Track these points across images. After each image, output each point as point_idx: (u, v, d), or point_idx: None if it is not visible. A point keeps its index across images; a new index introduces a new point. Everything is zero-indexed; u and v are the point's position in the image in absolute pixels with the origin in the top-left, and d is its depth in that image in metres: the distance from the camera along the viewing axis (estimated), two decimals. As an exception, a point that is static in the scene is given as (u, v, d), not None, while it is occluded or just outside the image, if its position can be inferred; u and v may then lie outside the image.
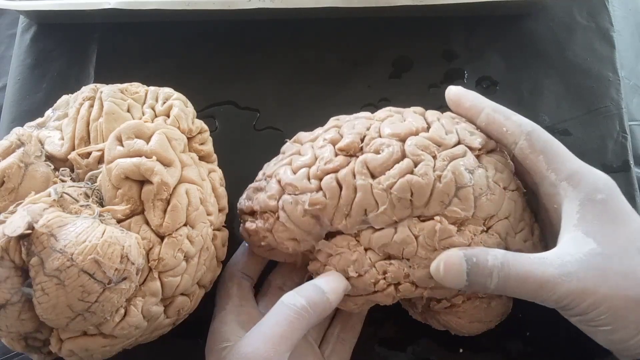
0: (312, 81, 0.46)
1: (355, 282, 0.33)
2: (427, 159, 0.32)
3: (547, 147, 0.33)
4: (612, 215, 0.31)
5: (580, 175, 0.32)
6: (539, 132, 0.33)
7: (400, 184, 0.31)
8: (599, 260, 0.29)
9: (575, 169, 0.32)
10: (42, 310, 0.28)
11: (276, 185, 0.34)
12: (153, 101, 0.36)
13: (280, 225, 0.34)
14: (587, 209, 0.31)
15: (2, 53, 0.53)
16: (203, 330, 0.36)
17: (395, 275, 0.32)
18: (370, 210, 0.32)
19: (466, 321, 0.35)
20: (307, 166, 0.34)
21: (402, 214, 0.32)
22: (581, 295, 0.29)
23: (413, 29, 0.47)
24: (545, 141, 0.33)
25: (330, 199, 0.32)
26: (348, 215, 0.33)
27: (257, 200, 0.35)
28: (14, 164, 0.32)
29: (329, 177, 0.33)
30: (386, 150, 0.32)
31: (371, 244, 0.33)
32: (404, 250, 0.32)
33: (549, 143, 0.33)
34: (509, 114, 0.34)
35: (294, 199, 0.33)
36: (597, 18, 0.47)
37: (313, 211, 0.33)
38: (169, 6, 0.43)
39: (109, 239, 0.29)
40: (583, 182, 0.31)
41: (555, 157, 0.32)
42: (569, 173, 0.32)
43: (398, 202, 0.32)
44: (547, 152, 0.32)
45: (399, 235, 0.32)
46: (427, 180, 0.31)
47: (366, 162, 0.32)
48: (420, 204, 0.32)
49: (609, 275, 0.29)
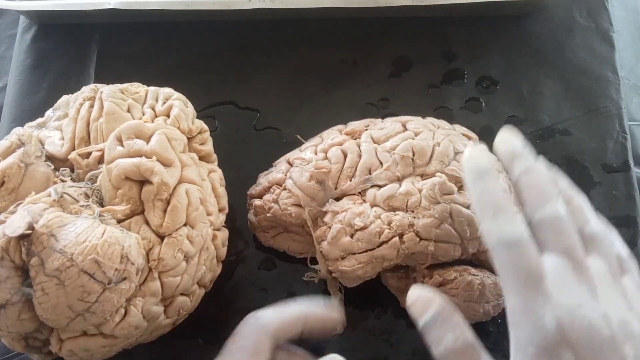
0: (312, 81, 0.46)
1: (360, 235, 0.34)
2: (427, 132, 0.36)
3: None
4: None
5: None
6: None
7: (403, 145, 0.36)
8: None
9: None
10: (42, 310, 0.28)
11: (285, 164, 0.38)
12: (153, 101, 0.36)
13: (286, 192, 0.36)
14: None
15: (3, 53, 0.53)
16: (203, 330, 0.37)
17: (400, 224, 0.34)
18: (375, 169, 0.35)
19: (461, 300, 0.35)
20: (314, 145, 0.38)
21: (405, 171, 0.35)
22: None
23: (413, 29, 0.47)
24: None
25: (335, 163, 0.36)
26: (353, 176, 0.36)
27: (267, 178, 0.38)
28: (14, 164, 0.32)
29: (334, 148, 0.37)
30: (389, 127, 0.37)
31: (376, 200, 0.35)
32: (408, 201, 0.34)
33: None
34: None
35: (301, 167, 0.36)
36: (597, 18, 0.47)
37: (318, 175, 0.35)
38: (169, 6, 0.43)
39: (109, 239, 0.29)
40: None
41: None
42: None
43: (401, 159, 0.35)
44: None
45: (403, 188, 0.35)
46: (427, 143, 0.35)
47: (371, 134, 0.37)
48: (421, 163, 0.35)
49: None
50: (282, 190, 0.37)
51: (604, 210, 0.42)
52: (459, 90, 0.46)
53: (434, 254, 0.35)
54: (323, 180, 0.36)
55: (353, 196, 0.36)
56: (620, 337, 0.25)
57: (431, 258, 0.35)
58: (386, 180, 0.35)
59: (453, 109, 0.45)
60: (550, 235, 0.27)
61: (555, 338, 0.25)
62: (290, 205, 0.36)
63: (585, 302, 0.26)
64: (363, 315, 0.40)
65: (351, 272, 0.35)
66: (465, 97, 0.45)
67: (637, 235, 0.41)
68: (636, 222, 0.42)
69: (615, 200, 0.42)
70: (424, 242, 0.34)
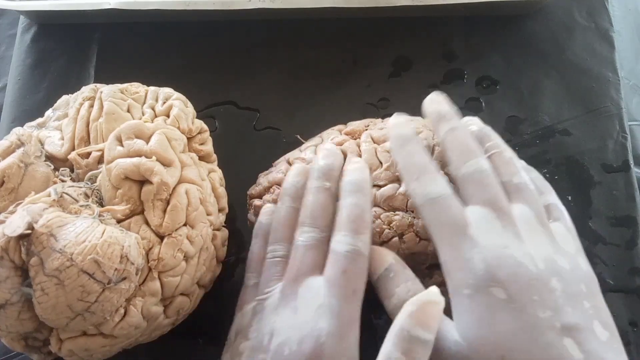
0: (312, 81, 0.46)
1: None
2: (427, 132, 0.36)
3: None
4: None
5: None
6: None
7: None
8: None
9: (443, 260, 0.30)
10: (42, 310, 0.28)
11: (285, 164, 0.38)
12: (153, 101, 0.36)
13: None
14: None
15: (2, 53, 0.53)
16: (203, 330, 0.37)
17: (400, 224, 0.34)
18: (375, 169, 0.35)
19: None
20: (314, 145, 0.38)
21: None
22: None
23: (413, 29, 0.47)
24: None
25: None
26: None
27: (267, 178, 0.38)
28: (14, 164, 0.32)
29: (334, 147, 0.36)
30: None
31: (376, 200, 0.35)
32: (408, 201, 0.34)
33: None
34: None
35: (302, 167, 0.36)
36: (597, 18, 0.47)
37: None
38: (169, 6, 0.43)
39: (108, 239, 0.29)
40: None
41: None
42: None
43: None
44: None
45: (403, 188, 0.34)
46: (427, 143, 0.35)
47: (371, 134, 0.37)
48: None
49: None
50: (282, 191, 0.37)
51: (604, 210, 0.42)
52: (459, 90, 0.46)
53: (434, 254, 0.35)
54: None
55: None
56: (547, 273, 0.27)
57: (431, 258, 0.35)
58: (386, 180, 0.35)
59: (453, 109, 0.45)
60: (473, 189, 0.30)
61: (485, 277, 0.27)
62: None
63: (510, 244, 0.28)
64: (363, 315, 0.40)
65: None
66: (465, 97, 0.45)
67: (637, 235, 0.41)
68: (636, 222, 0.42)
69: (615, 200, 0.42)
70: (424, 242, 0.34)
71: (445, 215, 0.29)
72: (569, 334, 0.26)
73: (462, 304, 0.28)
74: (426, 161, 0.32)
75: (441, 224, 0.29)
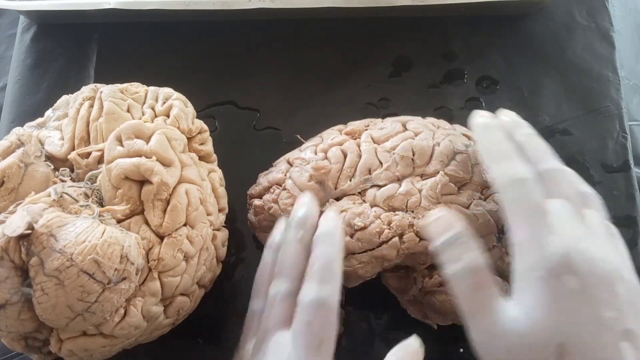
0: (312, 81, 0.46)
1: (360, 235, 0.34)
2: (427, 132, 0.36)
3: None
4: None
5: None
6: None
7: (403, 145, 0.36)
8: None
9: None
10: (42, 310, 0.28)
11: (285, 164, 0.38)
12: (153, 101, 0.36)
13: (286, 192, 0.36)
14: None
15: (2, 53, 0.53)
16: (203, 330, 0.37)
17: (400, 224, 0.34)
18: (374, 169, 0.35)
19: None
20: (314, 145, 0.38)
21: (405, 171, 0.35)
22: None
23: (413, 29, 0.47)
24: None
25: (334, 163, 0.36)
26: (353, 176, 0.35)
27: (267, 178, 0.38)
28: (14, 164, 0.32)
29: (334, 148, 0.36)
30: (389, 127, 0.37)
31: (376, 200, 0.35)
32: (408, 201, 0.34)
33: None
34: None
35: (301, 167, 0.36)
36: (597, 18, 0.47)
37: (318, 176, 0.35)
38: (169, 6, 0.43)
39: (108, 239, 0.29)
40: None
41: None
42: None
43: (401, 159, 0.35)
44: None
45: (403, 188, 0.35)
46: (427, 143, 0.35)
47: (371, 134, 0.37)
48: (421, 163, 0.35)
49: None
50: (282, 190, 0.37)
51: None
52: (459, 90, 0.46)
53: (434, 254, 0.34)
54: (323, 180, 0.36)
55: (353, 196, 0.36)
56: (615, 276, 0.28)
57: (431, 258, 0.35)
58: (386, 180, 0.35)
59: (453, 109, 0.45)
60: (553, 184, 0.31)
61: (560, 264, 0.27)
62: (290, 205, 0.36)
63: (587, 239, 0.29)
64: (363, 315, 0.40)
65: (351, 272, 0.35)
66: (465, 97, 0.45)
67: (637, 235, 0.41)
68: (636, 222, 0.42)
69: (615, 200, 0.42)
70: (424, 242, 0.34)
71: (527, 198, 0.30)
72: (627, 338, 0.26)
73: (530, 285, 0.28)
74: (512, 148, 0.32)
75: (521, 205, 0.30)
